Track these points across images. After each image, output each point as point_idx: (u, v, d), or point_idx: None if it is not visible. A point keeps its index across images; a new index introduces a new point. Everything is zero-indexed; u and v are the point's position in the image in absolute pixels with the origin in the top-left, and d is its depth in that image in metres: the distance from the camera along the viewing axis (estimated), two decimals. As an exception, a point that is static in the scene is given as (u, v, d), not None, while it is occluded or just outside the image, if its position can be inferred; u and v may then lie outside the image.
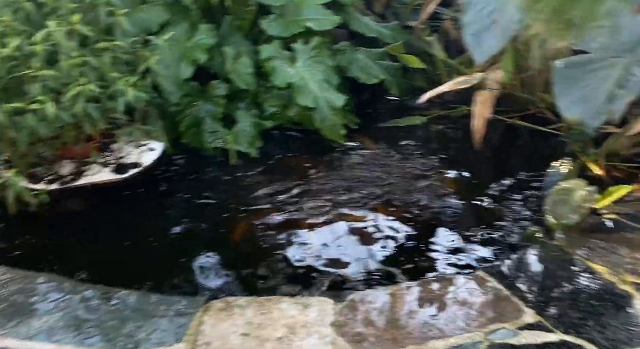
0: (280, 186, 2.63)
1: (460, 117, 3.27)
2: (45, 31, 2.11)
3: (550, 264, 1.98)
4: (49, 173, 2.37)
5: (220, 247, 2.23)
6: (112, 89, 2.25)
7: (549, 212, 2.22)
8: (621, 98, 1.98)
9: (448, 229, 2.36)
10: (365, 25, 3.49)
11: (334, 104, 2.97)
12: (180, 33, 2.87)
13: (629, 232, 2.12)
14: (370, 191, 2.60)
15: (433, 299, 1.83)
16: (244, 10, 3.13)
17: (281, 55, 3.08)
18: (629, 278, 1.89)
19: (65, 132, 2.26)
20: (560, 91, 2.11)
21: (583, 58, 2.20)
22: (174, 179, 2.66)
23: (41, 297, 1.83)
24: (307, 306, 1.80)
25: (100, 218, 2.38)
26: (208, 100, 2.92)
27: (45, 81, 2.11)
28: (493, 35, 2.28)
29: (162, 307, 1.79)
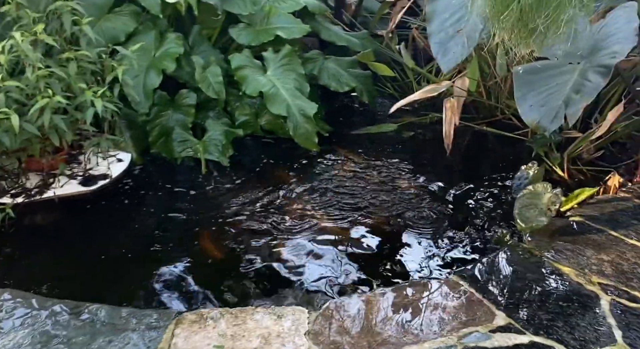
0: (252, 195, 2.61)
1: (430, 124, 3.33)
2: (10, 42, 2.06)
3: (519, 267, 2.02)
4: (14, 187, 2.31)
5: (191, 258, 2.20)
6: (79, 100, 2.21)
7: (517, 215, 2.27)
8: (577, 103, 2.05)
9: (419, 234, 2.38)
10: (335, 34, 3.52)
11: (306, 112, 2.98)
12: (148, 42, 2.85)
13: (594, 234, 2.18)
14: (343, 198, 2.61)
15: (407, 305, 1.85)
16: (213, 19, 3.12)
17: (252, 63, 3.09)
18: (596, 279, 1.94)
19: (31, 144, 2.20)
20: (520, 96, 2.17)
21: (542, 64, 2.27)
22: (143, 190, 2.62)
23: (6, 314, 1.77)
24: (282, 316, 1.79)
25: (67, 232, 2.32)
26: (177, 109, 2.90)
27: (9, 92, 2.05)
28: (458, 44, 2.33)
29: (133, 321, 1.76)
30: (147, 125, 2.80)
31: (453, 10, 2.40)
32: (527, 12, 1.70)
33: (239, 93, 3.06)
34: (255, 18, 3.23)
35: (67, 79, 2.18)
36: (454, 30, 2.36)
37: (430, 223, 2.46)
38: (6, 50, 2.04)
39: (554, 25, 1.71)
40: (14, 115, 1.98)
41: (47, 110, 2.05)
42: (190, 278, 2.10)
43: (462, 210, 2.55)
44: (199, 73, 2.92)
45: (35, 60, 2.07)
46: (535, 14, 1.68)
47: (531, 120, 2.13)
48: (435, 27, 2.47)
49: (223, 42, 3.30)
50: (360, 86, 3.44)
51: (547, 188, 2.26)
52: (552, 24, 1.70)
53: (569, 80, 2.17)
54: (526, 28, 1.74)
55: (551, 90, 2.16)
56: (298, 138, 2.99)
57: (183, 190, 2.64)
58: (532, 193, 2.26)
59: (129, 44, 2.67)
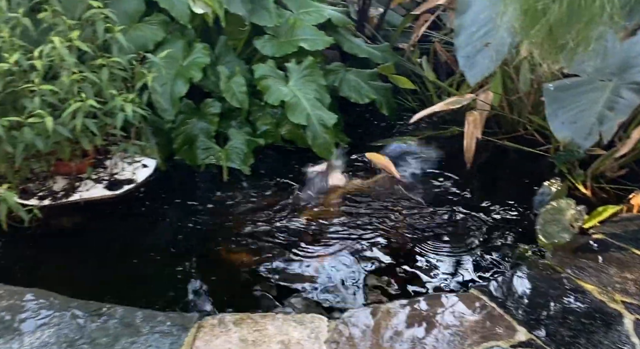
0: (271, 204, 2.64)
1: (450, 138, 3.33)
2: (49, 46, 2.12)
3: (541, 283, 2.01)
4: (41, 189, 2.36)
5: (212, 265, 2.23)
6: (110, 105, 2.26)
7: (540, 231, 2.26)
8: (611, 120, 2.03)
9: (438, 248, 2.38)
10: (357, 46, 3.56)
11: (325, 122, 3.01)
12: (176, 51, 2.90)
13: (617, 252, 2.16)
14: (360, 210, 2.62)
15: (427, 318, 1.84)
16: (239, 31, 3.18)
17: (275, 74, 3.13)
18: (619, 297, 1.92)
19: (61, 148, 2.25)
20: (551, 113, 2.16)
21: (573, 81, 2.27)
22: (166, 195, 2.66)
23: (31, 313, 1.81)
24: (302, 323, 1.80)
25: (92, 234, 2.36)
26: (202, 117, 2.94)
27: (44, 96, 2.11)
28: (485, 57, 2.34)
29: (154, 324, 1.78)
30: (172, 132, 2.85)
31: (480, 24, 2.41)
32: (557, 28, 1.71)
33: (261, 103, 3.10)
34: (280, 30, 3.29)
35: (99, 84, 2.23)
36: (482, 44, 2.37)
37: (449, 237, 2.45)
38: (44, 55, 2.10)
39: (584, 42, 1.72)
40: (48, 117, 2.03)
41: (79, 114, 2.10)
42: (211, 283, 2.13)
43: (483, 225, 2.54)
44: (224, 83, 2.97)
45: (71, 65, 2.13)
46: (565, 30, 1.68)
47: (563, 137, 2.12)
48: (462, 40, 2.48)
49: (248, 53, 3.35)
50: (380, 98, 3.46)
51: (570, 205, 2.25)
52: (582, 41, 1.71)
53: (600, 97, 2.16)
54: (555, 43, 1.75)
55: (582, 107, 2.15)
56: (316, 147, 3.01)
57: (205, 197, 2.67)
58: (555, 209, 2.25)
59: (157, 52, 2.73)
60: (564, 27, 1.69)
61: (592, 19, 1.66)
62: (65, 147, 2.24)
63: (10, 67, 2.10)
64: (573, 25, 1.67)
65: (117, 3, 2.77)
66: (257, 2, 3.19)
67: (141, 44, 2.78)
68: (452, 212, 2.63)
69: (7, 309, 1.81)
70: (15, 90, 2.15)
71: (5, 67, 2.09)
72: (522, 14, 1.76)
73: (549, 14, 1.75)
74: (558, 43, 1.74)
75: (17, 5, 2.34)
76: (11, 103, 2.19)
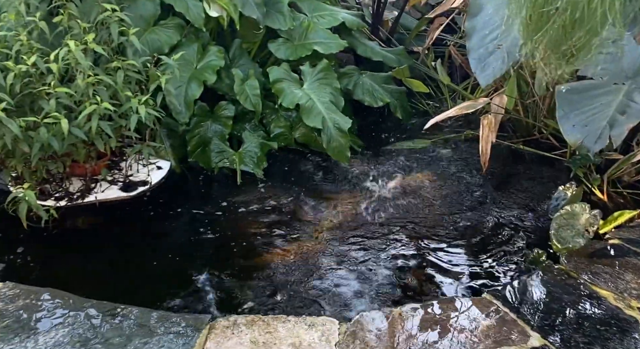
0: (284, 207, 2.64)
1: (464, 141, 3.31)
2: (66, 49, 2.16)
3: (555, 288, 1.98)
4: (57, 190, 2.39)
5: (225, 267, 2.24)
6: (125, 108, 2.29)
7: (553, 236, 2.23)
8: (622, 124, 2.01)
9: (452, 252, 2.36)
10: (371, 49, 3.56)
11: (340, 126, 3.01)
12: (190, 54, 2.93)
13: (634, 257, 2.13)
14: (374, 213, 2.61)
15: (439, 322, 1.83)
16: (253, 34, 3.20)
17: (289, 77, 3.14)
18: (635, 304, 1.89)
19: (77, 149, 2.29)
20: (562, 115, 2.14)
21: (585, 84, 2.24)
22: (180, 197, 2.68)
23: (47, 313, 1.83)
24: (312, 326, 1.80)
25: (107, 235, 2.39)
26: (216, 120, 2.96)
27: (59, 98, 2.14)
28: (497, 59, 2.33)
29: (167, 324, 1.79)
30: (186, 134, 2.87)
31: (493, 26, 2.40)
32: (560, 35, 1.70)
33: (274, 106, 3.12)
34: (294, 33, 3.30)
35: (114, 86, 2.26)
36: (494, 46, 2.36)
37: (463, 241, 2.44)
38: (59, 58, 2.14)
39: (586, 48, 1.71)
40: (63, 119, 2.06)
41: (94, 116, 2.13)
42: (223, 285, 2.14)
43: (497, 229, 2.52)
44: (238, 86, 2.99)
45: (86, 68, 2.16)
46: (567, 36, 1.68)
47: (574, 140, 2.10)
48: (474, 43, 2.47)
49: (262, 56, 3.37)
50: (394, 102, 3.45)
51: (585, 209, 2.22)
52: (583, 47, 1.70)
53: (613, 100, 2.13)
54: (559, 49, 1.74)
55: (595, 110, 2.13)
56: (331, 151, 3.01)
57: (218, 200, 2.68)
58: (570, 214, 2.22)
59: (172, 55, 2.75)
60: (567, 33, 1.68)
61: (593, 27, 1.65)
62: (80, 149, 2.28)
63: (27, 69, 2.13)
64: (575, 32, 1.66)
65: (133, 7, 2.81)
66: (271, 6, 3.21)
67: (156, 47, 2.81)
68: (466, 215, 2.61)
69: (24, 309, 1.84)
70: (32, 92, 2.18)
71: (23, 68, 2.12)
72: (527, 19, 1.76)
73: (552, 20, 1.74)
74: (560, 49, 1.73)
75: (35, 9, 2.39)
76: (29, 104, 2.23)
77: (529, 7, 1.71)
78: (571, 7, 1.65)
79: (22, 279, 2.07)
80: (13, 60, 2.18)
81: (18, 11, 2.30)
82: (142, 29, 2.81)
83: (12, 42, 2.24)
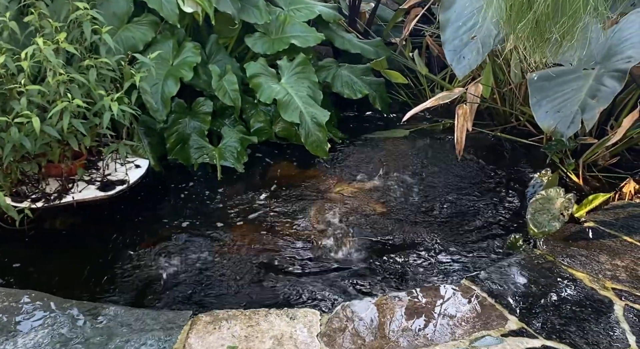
0: (264, 200, 2.65)
1: (443, 130, 3.34)
2: (33, 48, 2.13)
3: (532, 272, 2.01)
4: (34, 191, 2.37)
5: (205, 262, 2.24)
6: (98, 106, 2.27)
7: (530, 220, 2.26)
8: (594, 108, 2.04)
9: (431, 239, 2.39)
10: (349, 41, 3.56)
11: (318, 120, 3.02)
12: (166, 51, 2.91)
13: (608, 239, 2.17)
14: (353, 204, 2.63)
15: (419, 309, 1.85)
16: (229, 29, 3.18)
17: (266, 71, 3.13)
18: (610, 284, 1.93)
19: (51, 149, 2.26)
20: (535, 102, 2.17)
21: (556, 70, 2.27)
22: (159, 195, 2.67)
23: (26, 315, 1.82)
24: (294, 318, 1.81)
25: (85, 235, 2.37)
26: (194, 116, 2.95)
27: (31, 96, 2.12)
28: (472, 50, 2.35)
29: (148, 322, 1.79)
30: (164, 132, 2.86)
31: (466, 18, 2.42)
32: (543, 22, 1.72)
33: (254, 101, 3.11)
34: (271, 27, 3.29)
35: (87, 85, 2.24)
36: (468, 37, 2.38)
37: (442, 228, 2.46)
38: (29, 56, 2.11)
39: (569, 34, 1.73)
40: (35, 118, 2.03)
41: (66, 114, 2.10)
42: (204, 280, 2.14)
43: (475, 215, 2.55)
44: (216, 82, 2.97)
45: (57, 65, 2.13)
46: (550, 23, 1.69)
47: (547, 126, 2.13)
48: (449, 34, 2.49)
49: (239, 51, 3.36)
50: (373, 93, 3.47)
51: (559, 193, 2.26)
52: (567, 33, 1.72)
53: (584, 85, 2.17)
54: (542, 37, 1.76)
55: (567, 95, 2.16)
56: (309, 145, 3.02)
57: (198, 196, 2.68)
58: (545, 198, 2.26)
59: (147, 52, 2.73)
60: (549, 20, 1.69)
61: (577, 11, 1.67)
62: (55, 149, 2.25)
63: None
64: (558, 18, 1.68)
65: (105, 4, 2.78)
66: (246, 0, 3.19)
67: (131, 44, 2.79)
68: (443, 202, 2.64)
69: (3, 311, 1.82)
70: (3, 92, 2.15)
71: (-8, 69, 2.10)
72: (507, 9, 1.77)
73: (534, 7, 1.76)
74: (544, 36, 1.75)
75: (5, 9, 2.35)
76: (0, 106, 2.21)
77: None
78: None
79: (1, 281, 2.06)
80: (-18, 61, 2.15)
81: (-13, 11, 2.26)
82: (116, 27, 2.78)
83: (-19, 43, 2.21)
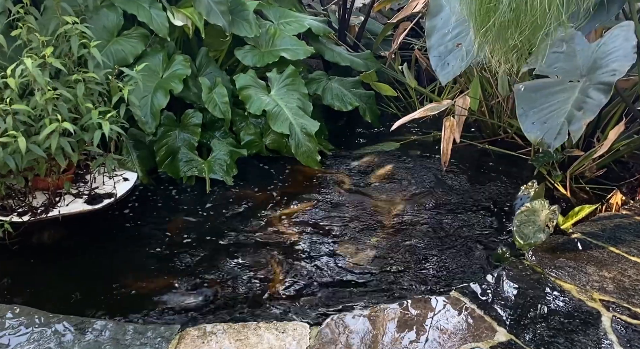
0: (253, 213, 2.64)
1: (433, 142, 3.36)
2: (20, 68, 2.12)
3: (521, 283, 2.02)
4: (20, 205, 2.35)
5: (195, 276, 2.23)
6: (86, 120, 2.27)
7: (516, 232, 2.28)
8: (580, 120, 2.06)
9: (419, 251, 2.39)
10: (339, 54, 3.59)
11: (308, 130, 3.03)
12: (156, 64, 2.92)
13: (595, 251, 2.18)
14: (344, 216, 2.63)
15: (408, 321, 1.85)
16: (220, 41, 3.20)
17: (256, 83, 3.15)
18: (597, 296, 1.94)
19: (38, 164, 2.25)
20: (522, 113, 2.19)
21: (542, 82, 2.30)
22: (147, 209, 2.65)
23: (12, 330, 1.80)
24: (284, 332, 1.81)
25: (73, 249, 2.35)
26: (184, 129, 2.95)
27: (16, 114, 2.11)
28: (457, 57, 2.37)
29: (136, 336, 1.78)
30: (154, 144, 2.85)
31: (452, 26, 2.45)
32: (505, 29, 1.75)
33: (244, 113, 3.12)
34: (261, 40, 3.31)
35: (74, 100, 2.23)
36: (453, 45, 2.40)
37: (429, 240, 2.47)
38: (16, 74, 2.10)
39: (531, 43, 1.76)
40: (21, 137, 2.02)
41: (55, 134, 2.10)
42: (193, 294, 2.12)
43: (463, 228, 2.55)
44: (206, 94, 2.98)
45: (44, 84, 2.13)
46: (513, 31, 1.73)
47: (534, 137, 2.15)
48: (434, 41, 2.52)
49: (229, 64, 3.37)
50: (363, 105, 3.49)
51: (544, 205, 2.27)
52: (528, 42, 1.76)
53: (570, 97, 2.19)
54: (506, 43, 1.79)
55: (553, 107, 2.18)
56: (300, 156, 3.03)
57: (187, 210, 2.67)
58: (530, 210, 2.27)
59: (137, 65, 2.74)
60: (512, 28, 1.73)
61: (536, 21, 1.70)
62: (41, 164, 2.24)
63: (-17, 85, 2.10)
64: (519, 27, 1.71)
65: (95, 18, 2.79)
66: (237, 14, 3.21)
67: (121, 57, 2.79)
68: (431, 214, 2.65)
69: (-12, 327, 1.80)
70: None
71: (-22, 85, 2.09)
72: (473, 14, 1.80)
73: (497, 15, 1.78)
74: (508, 43, 1.78)
75: (-7, 23, 2.35)
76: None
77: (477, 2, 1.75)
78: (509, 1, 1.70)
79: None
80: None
81: (-25, 25, 2.26)
82: (106, 40, 2.78)
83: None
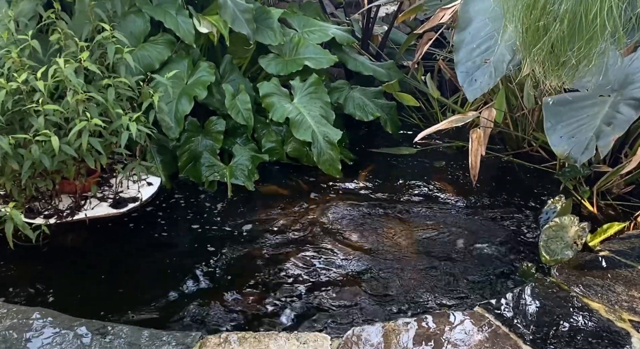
0: (274, 220, 2.64)
1: (454, 153, 3.34)
2: (53, 68, 2.16)
3: (547, 301, 1.98)
4: (46, 208, 2.37)
5: (216, 283, 2.23)
6: (116, 125, 2.29)
7: (543, 248, 2.24)
8: (609, 135, 2.03)
9: (442, 265, 2.36)
10: (362, 64, 3.58)
11: (330, 139, 3.03)
12: (181, 70, 2.94)
13: (624, 269, 2.14)
14: (365, 227, 2.62)
15: (431, 336, 1.83)
16: (244, 49, 3.22)
17: (279, 91, 3.16)
18: (627, 316, 1.90)
19: (67, 167, 2.28)
20: (549, 127, 2.16)
21: (572, 96, 2.27)
22: (171, 213, 2.67)
23: (36, 332, 1.81)
24: (304, 342, 1.79)
25: (97, 252, 2.37)
26: (207, 135, 2.97)
27: (47, 115, 2.14)
28: (485, 73, 2.35)
29: (157, 343, 1.77)
30: (177, 150, 2.87)
31: (481, 40, 2.42)
32: (559, 45, 1.72)
33: (266, 120, 3.13)
34: (285, 48, 3.32)
35: (105, 104, 2.26)
36: (481, 60, 2.38)
37: (454, 254, 2.44)
38: (49, 75, 2.14)
39: (586, 59, 1.72)
40: (54, 137, 2.06)
41: (84, 133, 2.12)
42: (215, 302, 2.12)
43: (487, 242, 2.52)
44: (229, 101, 3.00)
45: (77, 85, 2.16)
46: (566, 47, 1.69)
47: (561, 151, 2.11)
48: (462, 56, 2.49)
49: (253, 71, 3.39)
50: (384, 116, 3.48)
51: (573, 221, 2.23)
52: (584, 58, 1.71)
53: (599, 112, 2.16)
54: (557, 61, 1.76)
55: (582, 121, 2.15)
56: (322, 164, 3.03)
57: (209, 214, 2.68)
58: (558, 226, 2.24)
59: (162, 71, 2.77)
60: (565, 44, 1.69)
61: (594, 36, 1.67)
62: (70, 166, 2.27)
63: (18, 86, 2.13)
64: (575, 43, 1.68)
65: (123, 24, 2.82)
66: (261, 22, 3.24)
67: (147, 63, 2.82)
68: (455, 228, 2.62)
69: (13, 328, 1.81)
70: (22, 109, 2.18)
71: (14, 86, 2.12)
72: (523, 32, 1.77)
73: (550, 32, 1.76)
74: (560, 60, 1.75)
75: (25, 27, 2.39)
76: (18, 121, 2.23)
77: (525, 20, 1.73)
78: (568, 18, 1.67)
79: (11, 298, 2.05)
80: (4, 77, 2.18)
81: (8, 29, 2.30)
82: (133, 46, 2.82)
83: (3, 59, 2.24)
